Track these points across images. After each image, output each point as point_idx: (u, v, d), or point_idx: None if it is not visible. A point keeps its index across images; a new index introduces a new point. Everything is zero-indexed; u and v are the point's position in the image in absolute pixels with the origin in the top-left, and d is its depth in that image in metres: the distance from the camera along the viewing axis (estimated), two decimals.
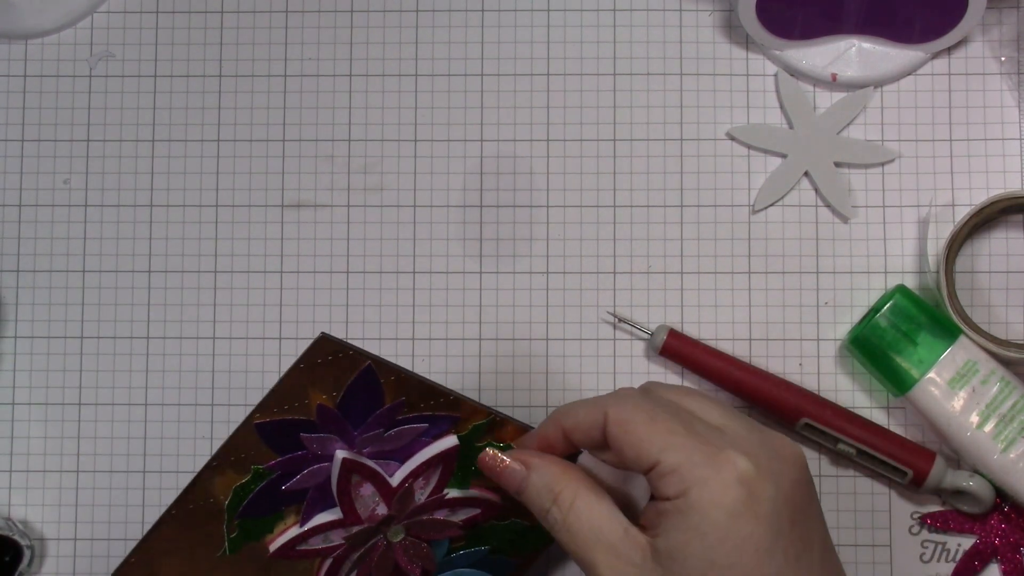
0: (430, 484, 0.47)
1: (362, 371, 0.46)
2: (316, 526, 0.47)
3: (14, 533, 0.54)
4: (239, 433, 0.46)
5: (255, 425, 0.46)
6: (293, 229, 0.57)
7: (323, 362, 0.45)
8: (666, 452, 0.40)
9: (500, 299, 0.56)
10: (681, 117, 0.57)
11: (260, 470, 0.46)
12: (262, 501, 0.47)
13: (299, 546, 0.47)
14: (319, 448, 0.46)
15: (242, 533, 0.47)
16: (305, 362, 0.45)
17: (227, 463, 0.46)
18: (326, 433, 0.46)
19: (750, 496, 0.39)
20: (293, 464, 0.47)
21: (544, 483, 0.43)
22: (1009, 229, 0.56)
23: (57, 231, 0.57)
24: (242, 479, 0.46)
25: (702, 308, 0.56)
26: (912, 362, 0.53)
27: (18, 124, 0.58)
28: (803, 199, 0.56)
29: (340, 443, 0.46)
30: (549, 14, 0.58)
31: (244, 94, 0.58)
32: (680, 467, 0.39)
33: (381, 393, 0.46)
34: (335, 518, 0.47)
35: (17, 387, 0.56)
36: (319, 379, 0.46)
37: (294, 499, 0.47)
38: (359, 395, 0.46)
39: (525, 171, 0.57)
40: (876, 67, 0.56)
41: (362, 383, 0.46)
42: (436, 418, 0.47)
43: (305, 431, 0.46)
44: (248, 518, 0.47)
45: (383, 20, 0.58)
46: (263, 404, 0.46)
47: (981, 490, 0.53)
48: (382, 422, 0.46)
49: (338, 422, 0.46)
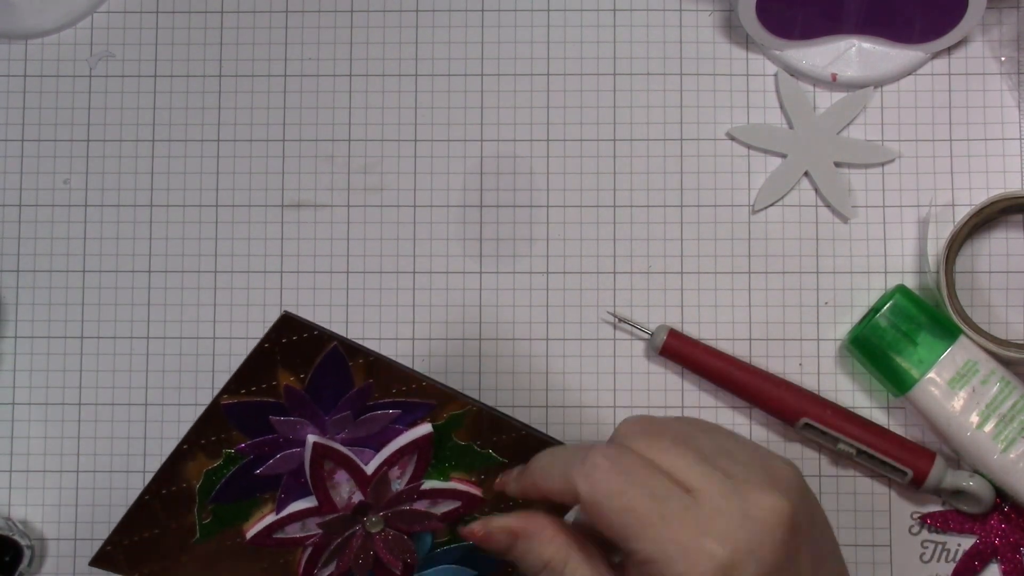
0: (406, 474, 0.47)
1: (328, 352, 0.45)
2: (292, 513, 0.47)
3: (14, 533, 0.54)
4: (207, 415, 0.45)
5: (223, 406, 0.45)
6: (293, 229, 0.57)
7: (288, 342, 0.45)
8: (641, 543, 0.38)
9: (500, 299, 0.56)
10: (681, 117, 0.57)
11: (231, 454, 0.46)
12: (235, 486, 0.46)
13: (276, 533, 0.47)
14: (289, 432, 0.46)
15: (216, 519, 0.47)
16: (269, 341, 0.45)
17: (198, 446, 0.46)
18: (295, 416, 0.46)
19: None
20: (265, 448, 0.46)
21: (532, 551, 0.42)
22: (1009, 229, 0.56)
23: (57, 231, 0.57)
24: (214, 463, 0.46)
25: (702, 308, 0.56)
26: (912, 362, 0.53)
27: (18, 124, 0.58)
28: (803, 199, 0.56)
29: (311, 427, 0.46)
30: (549, 14, 0.58)
31: (244, 94, 0.58)
32: (656, 561, 0.38)
33: (350, 375, 0.46)
34: (311, 505, 0.47)
35: (17, 387, 0.56)
36: (287, 360, 0.45)
37: (269, 485, 0.47)
38: (327, 377, 0.45)
39: (525, 171, 0.57)
40: (876, 67, 0.56)
41: (330, 364, 0.45)
42: (410, 405, 0.46)
43: (274, 414, 0.46)
44: (222, 503, 0.47)
45: (383, 20, 0.58)
46: (229, 385, 0.45)
47: (981, 490, 0.53)
48: (351, 405, 0.46)
49: (307, 405, 0.46)
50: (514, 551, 0.43)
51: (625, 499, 0.39)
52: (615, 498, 0.39)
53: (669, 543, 0.38)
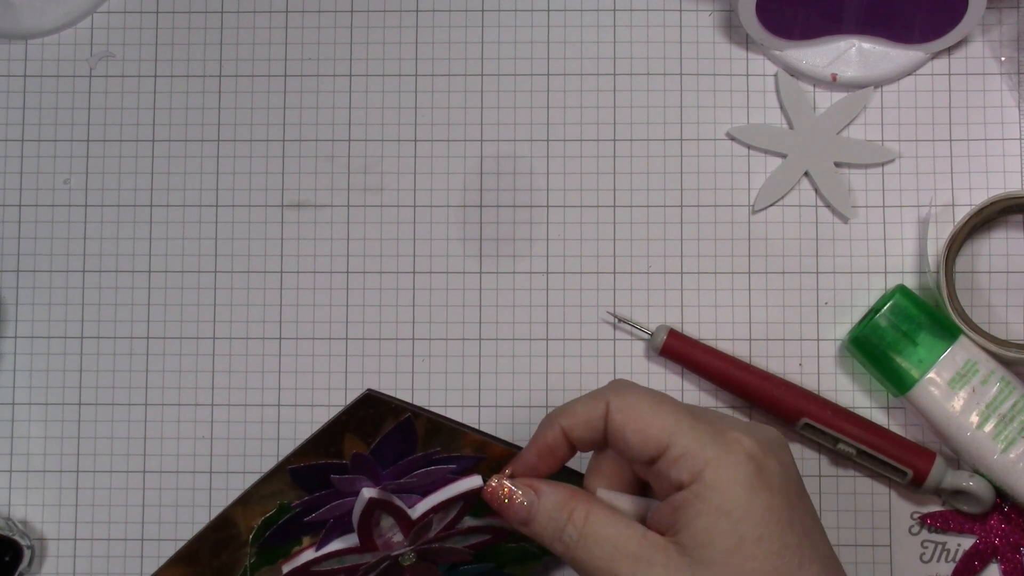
0: (447, 517, 0.47)
1: (401, 422, 0.45)
2: (333, 552, 0.47)
3: (14, 533, 0.54)
4: (271, 476, 0.45)
5: (289, 470, 0.45)
6: (293, 229, 0.57)
7: (363, 413, 0.45)
8: (675, 435, 0.40)
9: (500, 299, 0.56)
10: (681, 117, 0.57)
11: (285, 504, 0.46)
12: (285, 532, 0.47)
13: (313, 568, 0.47)
14: (347, 488, 0.46)
15: (260, 559, 0.47)
16: (347, 414, 0.45)
17: (254, 499, 0.46)
18: (355, 474, 0.46)
19: (760, 470, 0.39)
20: (319, 500, 0.46)
21: (556, 503, 0.42)
22: (1009, 229, 0.56)
23: (57, 231, 0.57)
24: (267, 511, 0.46)
25: (702, 308, 0.56)
26: (912, 362, 0.53)
27: (18, 124, 0.58)
28: (803, 199, 0.56)
29: (367, 482, 0.46)
30: (549, 14, 0.58)
31: (244, 94, 0.58)
32: (690, 449, 0.39)
33: (415, 439, 0.46)
34: (351, 545, 0.47)
35: (17, 387, 0.56)
36: (356, 428, 0.45)
37: (312, 528, 0.47)
38: (394, 442, 0.45)
39: (525, 171, 0.57)
40: (876, 67, 0.56)
41: (399, 432, 0.45)
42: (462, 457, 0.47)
43: (336, 473, 0.46)
44: (267, 547, 0.47)
45: (383, 20, 0.58)
46: (299, 451, 0.45)
47: (981, 490, 0.53)
48: (412, 467, 0.46)
49: (370, 466, 0.46)
50: (534, 509, 0.43)
51: (658, 399, 0.41)
52: (646, 401, 0.41)
53: (703, 432, 0.40)
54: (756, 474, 0.39)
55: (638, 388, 0.42)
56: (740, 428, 0.41)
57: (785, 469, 0.40)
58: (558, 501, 0.42)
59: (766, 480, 0.39)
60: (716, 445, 0.39)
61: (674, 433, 0.40)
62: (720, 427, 0.40)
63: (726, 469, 0.39)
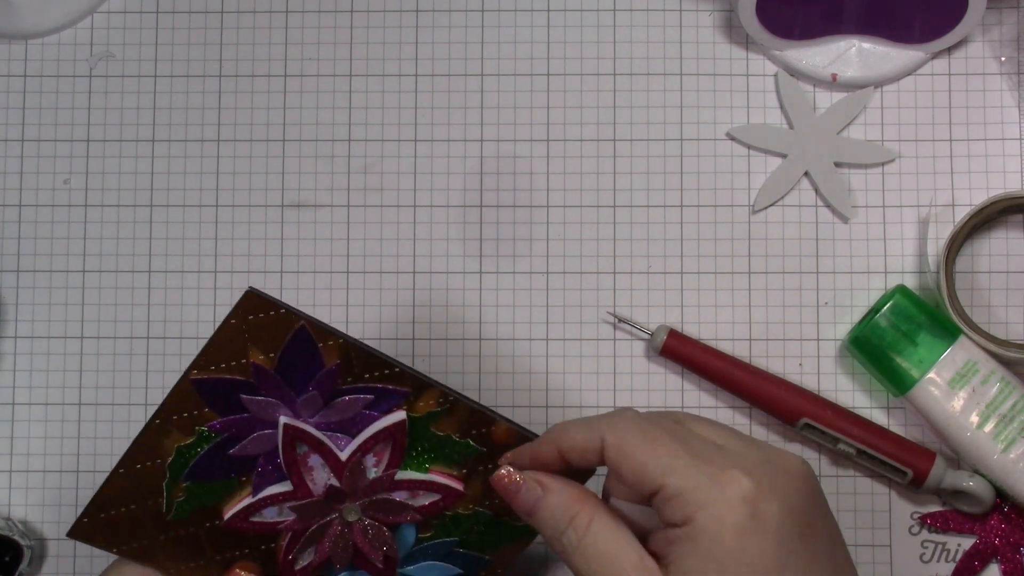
0: (383, 463, 0.47)
1: (296, 331, 0.45)
2: (268, 496, 0.47)
3: (14, 533, 0.54)
4: (178, 389, 0.45)
5: (191, 380, 0.45)
6: (293, 229, 0.57)
7: (256, 320, 0.45)
8: (669, 476, 0.39)
9: (500, 299, 0.56)
10: (681, 117, 0.57)
11: (205, 432, 0.46)
12: (209, 464, 0.47)
13: (253, 516, 0.47)
14: (261, 412, 0.46)
15: (190, 498, 0.47)
16: (236, 317, 0.45)
17: (171, 423, 0.46)
18: (265, 395, 0.46)
19: (754, 514, 0.38)
20: (238, 427, 0.46)
21: (561, 504, 0.42)
22: (1009, 229, 0.56)
23: (57, 231, 0.57)
24: (187, 440, 0.46)
25: (702, 308, 0.56)
26: (912, 362, 0.53)
27: (18, 124, 0.58)
28: (803, 199, 0.56)
29: (283, 408, 0.46)
30: (549, 14, 0.58)
31: (244, 94, 0.58)
32: (684, 491, 0.39)
33: (320, 356, 0.45)
34: (287, 490, 0.47)
35: (17, 387, 0.56)
36: (256, 338, 0.45)
37: (245, 466, 0.47)
38: (296, 357, 0.45)
39: (525, 171, 0.57)
40: (876, 67, 0.56)
41: (298, 345, 0.45)
42: (384, 391, 0.46)
43: (245, 392, 0.46)
44: (196, 481, 0.47)
45: (383, 20, 0.58)
46: (198, 359, 0.45)
47: (981, 490, 0.53)
48: (321, 386, 0.46)
49: (277, 384, 0.46)
50: (539, 505, 0.42)
51: (653, 437, 0.40)
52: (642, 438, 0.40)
53: (697, 473, 0.39)
54: (749, 518, 0.38)
55: (635, 422, 0.41)
56: (742, 464, 0.39)
57: (788, 510, 0.39)
58: (563, 502, 0.42)
59: (760, 524, 0.38)
60: (711, 488, 0.39)
61: (668, 474, 0.39)
62: (720, 465, 0.39)
63: (718, 513, 0.38)
